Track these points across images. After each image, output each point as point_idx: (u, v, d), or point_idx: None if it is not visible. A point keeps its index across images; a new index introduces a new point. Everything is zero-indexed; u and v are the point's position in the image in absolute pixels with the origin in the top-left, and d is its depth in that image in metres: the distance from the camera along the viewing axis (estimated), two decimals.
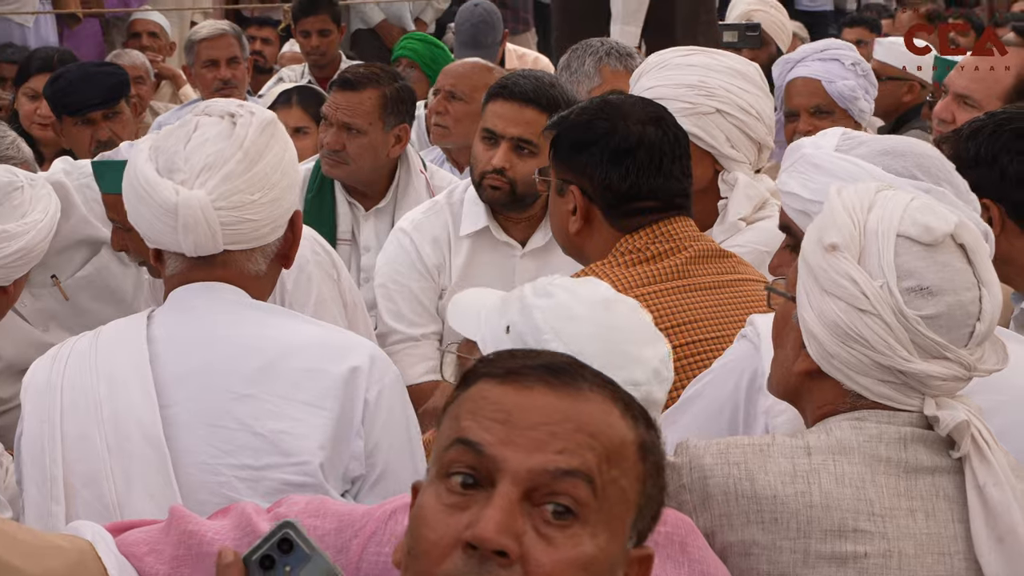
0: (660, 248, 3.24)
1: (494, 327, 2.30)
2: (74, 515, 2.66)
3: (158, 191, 2.78)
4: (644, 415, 1.78)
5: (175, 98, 8.52)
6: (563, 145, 3.32)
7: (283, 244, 2.90)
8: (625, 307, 2.31)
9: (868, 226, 2.32)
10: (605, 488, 1.66)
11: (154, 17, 8.98)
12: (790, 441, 2.32)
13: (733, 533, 2.30)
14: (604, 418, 1.70)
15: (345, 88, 4.88)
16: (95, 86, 5.49)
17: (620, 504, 1.68)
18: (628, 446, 1.71)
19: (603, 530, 1.66)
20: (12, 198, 3.46)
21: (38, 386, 2.79)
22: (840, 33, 9.55)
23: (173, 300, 2.84)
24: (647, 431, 1.76)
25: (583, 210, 3.28)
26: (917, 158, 2.70)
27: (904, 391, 2.32)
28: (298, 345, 2.76)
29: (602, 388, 1.73)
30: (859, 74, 5.00)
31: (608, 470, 1.67)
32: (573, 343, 2.21)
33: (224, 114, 2.85)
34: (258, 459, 2.69)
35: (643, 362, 2.26)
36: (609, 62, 5.16)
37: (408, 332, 4.31)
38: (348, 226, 4.97)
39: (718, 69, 3.96)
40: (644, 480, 1.72)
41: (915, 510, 2.29)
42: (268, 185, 2.81)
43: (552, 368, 1.72)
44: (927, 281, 2.29)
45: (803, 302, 2.35)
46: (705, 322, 3.17)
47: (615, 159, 3.25)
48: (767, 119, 3.99)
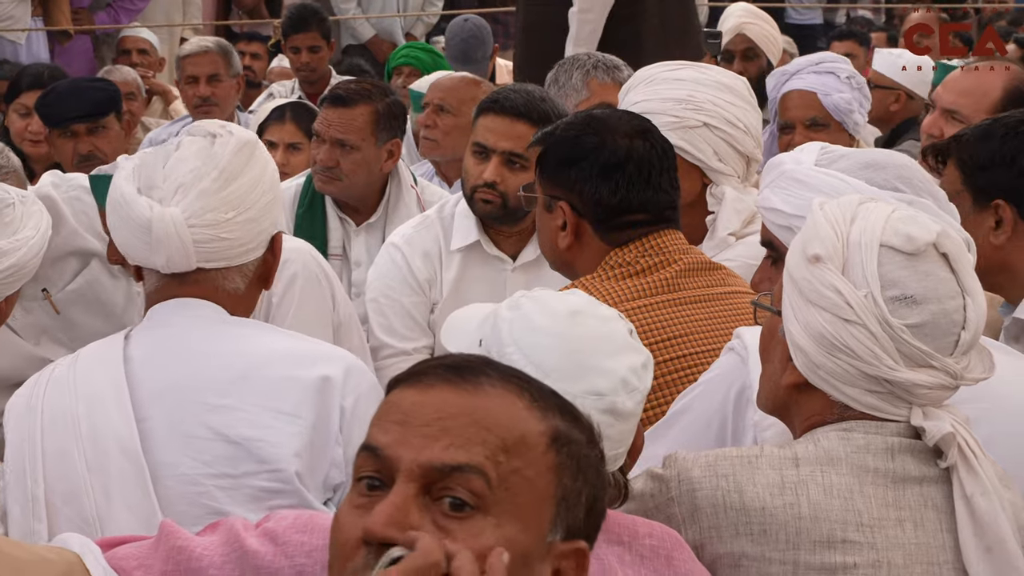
0: (649, 261, 3.24)
1: (471, 342, 2.31)
2: (56, 532, 2.67)
3: (134, 207, 2.83)
4: (565, 409, 1.77)
5: (166, 114, 8.52)
6: (551, 161, 3.32)
7: (262, 266, 2.93)
8: (594, 319, 2.30)
9: (851, 237, 2.33)
10: (506, 479, 1.67)
11: (144, 34, 8.98)
12: (778, 452, 2.33)
13: (722, 545, 2.30)
14: (504, 410, 1.71)
15: (337, 104, 4.88)
16: (81, 99, 5.47)
17: (527, 494, 1.68)
18: (533, 437, 1.71)
19: (509, 520, 1.66)
20: (3, 215, 3.45)
21: (19, 410, 2.83)
22: (829, 46, 9.57)
23: (150, 318, 2.88)
24: (566, 423, 1.75)
25: (573, 225, 3.27)
26: (898, 169, 2.71)
27: (891, 400, 2.32)
28: (272, 356, 2.79)
29: (506, 382, 1.74)
30: (854, 87, 5.02)
31: (508, 461, 1.67)
32: (533, 354, 2.21)
33: (206, 134, 2.89)
34: (235, 467, 2.72)
35: (607, 373, 2.24)
36: (597, 75, 5.17)
37: (400, 346, 4.31)
38: (339, 241, 4.97)
39: (706, 83, 3.96)
40: (558, 471, 1.71)
41: (904, 520, 2.30)
42: (244, 205, 2.84)
43: (454, 366, 1.74)
44: (911, 290, 2.30)
45: (788, 315, 2.36)
46: (695, 335, 3.17)
47: (605, 174, 3.25)
48: (755, 132, 3.99)
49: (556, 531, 1.71)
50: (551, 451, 1.71)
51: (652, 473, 2.38)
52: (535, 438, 1.71)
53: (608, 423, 2.23)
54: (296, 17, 7.70)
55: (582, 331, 2.27)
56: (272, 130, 5.70)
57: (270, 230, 2.91)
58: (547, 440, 1.71)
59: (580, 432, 1.76)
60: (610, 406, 2.23)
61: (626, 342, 2.30)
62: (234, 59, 7.31)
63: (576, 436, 1.75)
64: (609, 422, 2.23)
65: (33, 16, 8.84)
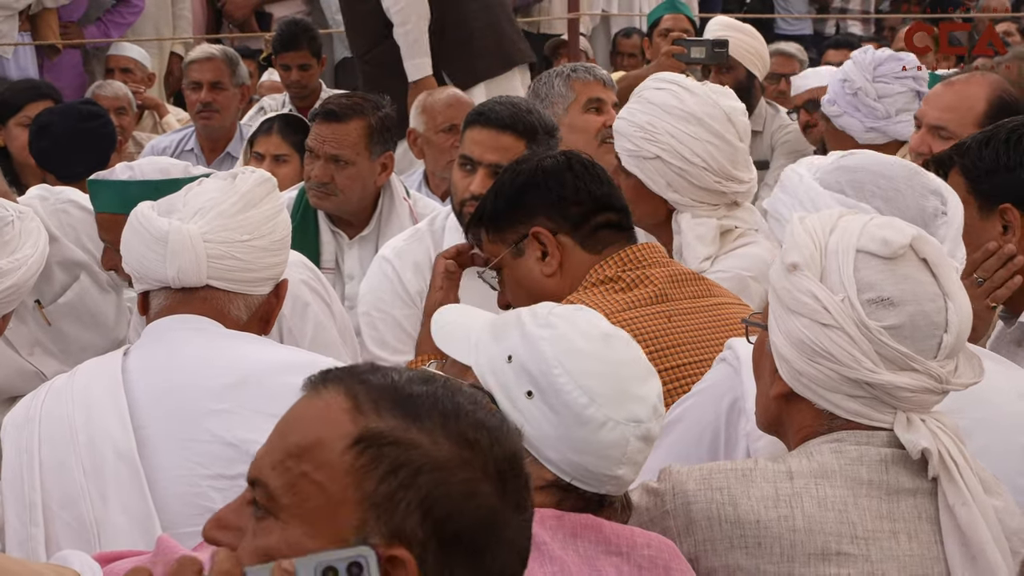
0: (633, 276, 3.23)
1: (492, 356, 2.27)
2: (53, 536, 2.74)
3: (152, 222, 2.92)
4: (393, 407, 1.69)
5: (157, 128, 8.52)
6: (499, 212, 3.30)
7: (265, 305, 3.00)
8: (621, 341, 2.32)
9: (829, 246, 2.34)
10: (293, 484, 1.65)
11: (130, 52, 8.96)
12: (772, 466, 2.34)
13: (717, 558, 2.31)
14: (312, 415, 1.70)
15: (330, 120, 4.89)
16: (81, 151, 5.45)
17: (317, 499, 1.65)
18: (331, 440, 1.66)
19: (297, 524, 1.65)
20: (3, 233, 3.46)
21: (17, 422, 2.87)
22: (821, 56, 9.60)
23: (148, 333, 2.94)
24: (397, 424, 1.67)
25: (553, 245, 3.25)
26: (854, 173, 2.76)
27: (874, 406, 2.33)
28: (270, 365, 2.83)
29: (341, 385, 1.71)
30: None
31: (296, 465, 1.66)
32: (582, 379, 2.22)
33: (227, 176, 3.00)
34: (231, 468, 2.74)
35: (642, 399, 2.26)
36: (577, 75, 5.25)
37: (392, 359, 4.30)
38: (332, 255, 4.97)
39: (674, 112, 3.93)
40: (358, 474, 1.65)
41: (898, 532, 2.30)
42: (259, 232, 2.93)
43: (319, 374, 1.75)
44: (887, 292, 2.31)
45: (772, 326, 2.38)
46: (688, 345, 3.17)
47: (556, 179, 3.27)
48: (719, 167, 3.93)
49: (368, 536, 1.64)
50: (350, 453, 1.65)
51: (647, 487, 2.39)
52: (333, 442, 1.66)
53: (640, 449, 2.25)
54: (286, 35, 7.69)
55: (617, 355, 2.28)
56: (259, 142, 5.72)
57: (278, 271, 3.00)
58: (348, 442, 1.66)
59: (422, 434, 1.67)
60: (646, 433, 2.25)
61: (649, 367, 2.32)
62: (240, 69, 7.33)
63: (404, 438, 1.66)
64: (641, 448, 2.25)
65: (20, 31, 8.81)
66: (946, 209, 2.73)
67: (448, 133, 5.59)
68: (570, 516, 2.22)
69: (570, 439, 2.21)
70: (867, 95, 5.26)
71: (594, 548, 2.21)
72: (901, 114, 5.25)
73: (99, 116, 5.82)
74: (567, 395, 2.21)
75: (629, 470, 2.25)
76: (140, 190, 3.60)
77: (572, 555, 2.18)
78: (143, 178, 3.72)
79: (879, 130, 5.24)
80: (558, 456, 2.22)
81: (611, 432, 2.21)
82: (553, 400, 2.21)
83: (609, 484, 2.25)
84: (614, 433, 2.22)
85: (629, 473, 2.26)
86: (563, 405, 2.21)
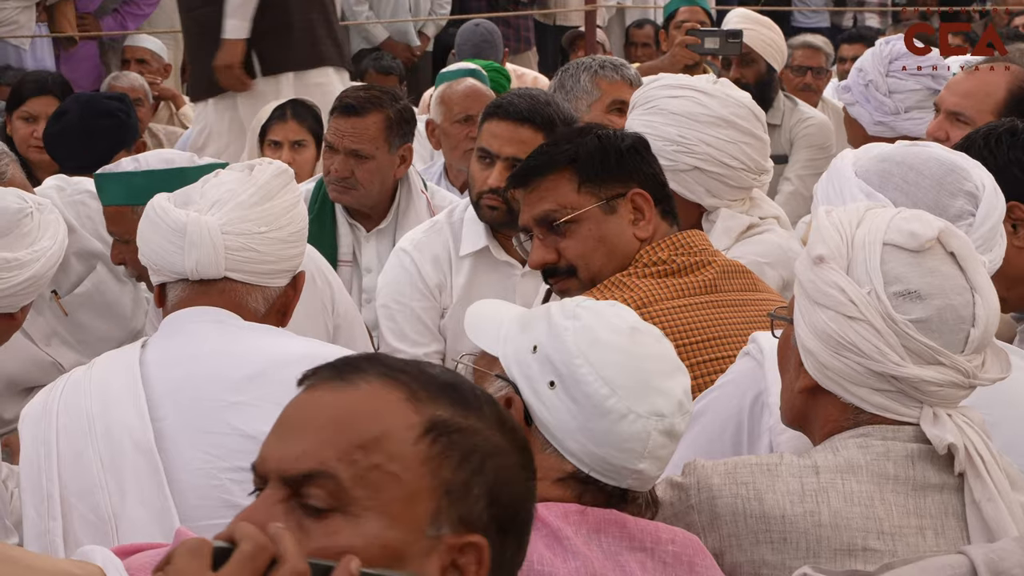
0: (685, 260, 3.22)
1: (519, 346, 2.27)
2: (71, 529, 2.74)
3: (170, 214, 2.92)
4: (443, 396, 1.70)
5: (173, 119, 8.52)
6: (596, 163, 3.24)
7: (283, 297, 3.00)
8: (649, 336, 2.30)
9: (856, 239, 2.33)
10: (364, 476, 1.63)
11: (146, 42, 8.97)
12: (798, 461, 2.32)
13: (742, 553, 2.29)
14: (368, 406, 1.67)
15: (349, 114, 4.86)
16: (92, 142, 5.43)
17: (392, 489, 1.63)
18: (399, 431, 1.65)
19: (372, 517, 1.62)
20: (22, 225, 3.44)
21: (35, 414, 2.87)
22: (837, 49, 9.56)
23: (166, 325, 2.93)
24: (457, 412, 1.69)
25: (652, 212, 3.24)
26: (882, 164, 2.75)
27: (901, 400, 2.31)
28: (288, 357, 2.81)
29: (383, 376, 1.69)
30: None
31: (366, 457, 1.63)
32: (603, 370, 2.21)
33: (244, 168, 3.00)
34: (249, 461, 2.71)
35: (666, 394, 2.24)
36: (604, 74, 5.19)
37: (411, 351, 4.30)
38: (349, 247, 4.97)
39: (702, 119, 3.93)
40: (433, 463, 1.65)
41: (924, 528, 2.29)
42: (277, 224, 2.94)
43: (337, 366, 1.72)
44: (914, 285, 2.29)
45: (798, 320, 2.36)
46: (731, 338, 3.14)
47: (652, 154, 3.30)
48: (754, 163, 3.95)
49: (440, 525, 1.65)
50: (422, 443, 1.65)
51: (672, 481, 2.37)
52: (401, 432, 1.65)
53: (663, 444, 2.24)
54: None
55: (643, 350, 2.26)
56: (275, 129, 5.70)
57: (296, 263, 3.00)
58: (418, 432, 1.66)
59: (479, 421, 1.69)
60: (669, 427, 2.23)
61: (677, 362, 2.31)
62: None
63: (467, 424, 1.68)
64: (664, 443, 2.24)
65: (38, 22, 8.83)
66: (974, 212, 2.70)
67: (463, 124, 5.58)
68: (594, 511, 2.21)
69: (591, 430, 2.20)
70: (877, 88, 5.22)
71: (618, 544, 2.19)
72: (912, 111, 5.20)
73: (112, 114, 5.66)
74: (588, 385, 2.20)
75: (651, 465, 2.23)
76: (145, 180, 3.61)
77: (595, 550, 2.17)
78: (148, 168, 3.72)
79: (886, 125, 5.19)
80: (579, 447, 2.21)
81: (632, 425, 2.20)
82: (574, 390, 2.21)
83: (631, 478, 2.23)
84: (635, 426, 2.20)
85: (652, 468, 2.24)
86: (584, 396, 2.20)
